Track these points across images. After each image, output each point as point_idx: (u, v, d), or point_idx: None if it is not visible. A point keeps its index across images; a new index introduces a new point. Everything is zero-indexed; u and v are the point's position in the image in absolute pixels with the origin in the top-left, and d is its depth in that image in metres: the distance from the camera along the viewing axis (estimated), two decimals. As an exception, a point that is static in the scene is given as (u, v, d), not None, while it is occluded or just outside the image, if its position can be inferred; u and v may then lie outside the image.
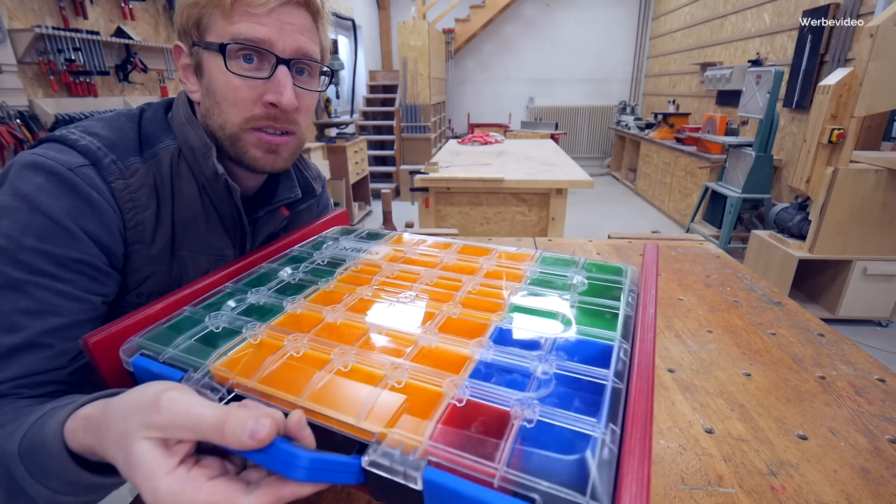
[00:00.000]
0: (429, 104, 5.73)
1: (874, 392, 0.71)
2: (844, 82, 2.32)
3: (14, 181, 0.48)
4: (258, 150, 0.57)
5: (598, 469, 0.28)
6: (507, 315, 0.46)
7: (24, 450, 0.37)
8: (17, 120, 1.87)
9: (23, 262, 0.46)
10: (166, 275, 0.58)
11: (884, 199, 2.48)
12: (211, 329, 0.44)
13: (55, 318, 0.47)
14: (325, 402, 0.34)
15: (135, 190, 0.54)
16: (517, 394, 0.34)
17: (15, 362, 0.45)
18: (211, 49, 0.53)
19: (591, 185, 2.26)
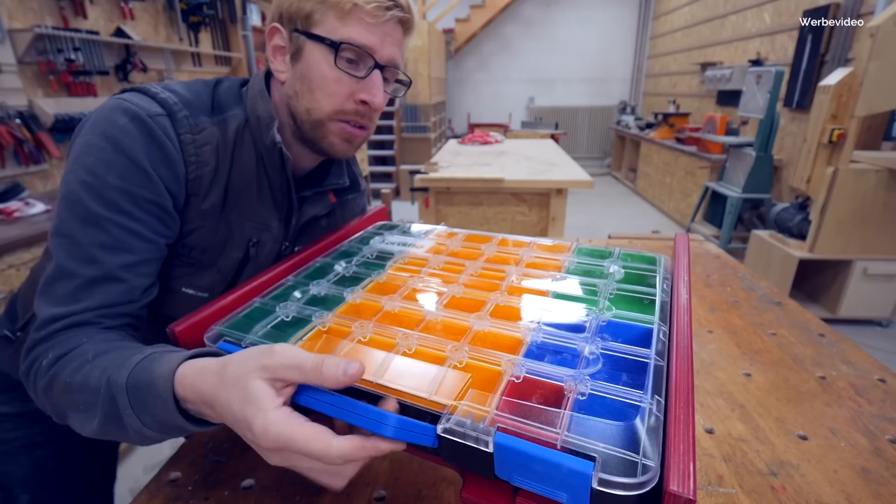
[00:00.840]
0: (429, 104, 5.73)
1: (874, 392, 0.71)
2: (845, 82, 2.32)
3: (101, 122, 0.53)
4: (337, 137, 0.63)
5: (647, 433, 0.31)
6: (551, 301, 0.49)
7: (131, 385, 0.41)
8: (16, 120, 1.87)
9: (105, 199, 0.51)
10: (212, 232, 0.62)
11: (884, 199, 2.48)
12: (282, 318, 0.49)
13: (128, 255, 0.52)
14: (398, 380, 0.38)
15: (200, 145, 0.59)
16: (569, 371, 0.37)
17: (96, 292, 0.51)
18: (322, 43, 0.58)
19: (591, 185, 2.26)
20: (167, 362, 0.41)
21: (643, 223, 4.91)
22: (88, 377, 0.44)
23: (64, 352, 0.48)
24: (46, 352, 0.48)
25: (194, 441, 0.61)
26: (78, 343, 0.48)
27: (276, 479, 0.55)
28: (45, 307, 0.50)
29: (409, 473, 0.56)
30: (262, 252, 0.67)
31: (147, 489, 0.53)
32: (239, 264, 0.65)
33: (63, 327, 0.50)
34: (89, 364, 0.45)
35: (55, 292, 0.50)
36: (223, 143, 0.61)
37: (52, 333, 0.49)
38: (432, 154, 4.55)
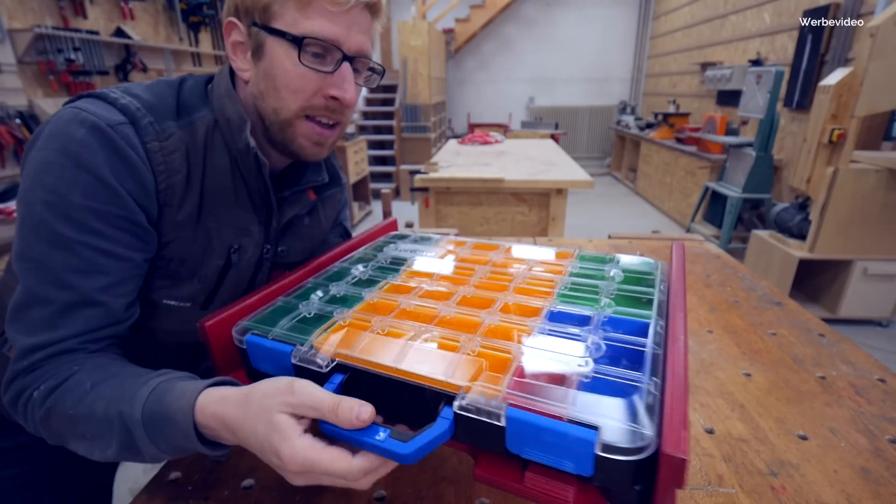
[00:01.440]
0: (429, 104, 5.73)
1: (874, 392, 0.71)
2: (845, 82, 2.32)
3: (57, 135, 0.49)
4: (307, 140, 0.60)
5: (645, 409, 0.35)
6: (557, 300, 0.53)
7: (147, 419, 0.43)
8: (16, 120, 1.87)
9: (72, 219, 0.48)
10: (190, 242, 0.59)
11: (884, 199, 2.48)
12: (304, 314, 0.53)
13: (103, 277, 0.50)
14: (415, 366, 0.41)
15: (168, 153, 0.55)
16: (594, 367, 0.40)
17: (74, 318, 0.49)
18: (283, 38, 0.54)
19: (591, 184, 2.26)
20: (182, 396, 0.43)
21: (643, 223, 4.91)
22: (93, 408, 0.45)
23: (57, 383, 0.47)
24: (35, 383, 0.48)
25: (194, 441, 0.61)
26: (69, 372, 0.47)
27: (276, 479, 0.54)
28: (22, 336, 0.48)
29: (409, 473, 0.56)
30: (244, 257, 0.64)
31: (147, 489, 0.53)
32: (220, 271, 0.62)
33: (46, 356, 0.48)
34: (89, 395, 0.45)
35: (30, 319, 0.48)
36: (193, 147, 0.57)
37: (35, 363, 0.48)
38: (432, 154, 4.55)
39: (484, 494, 0.52)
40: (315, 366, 0.44)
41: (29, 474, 0.70)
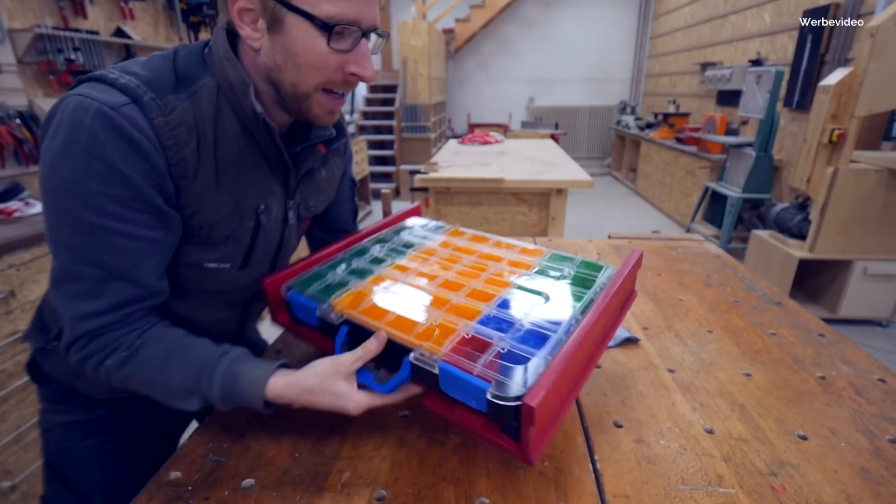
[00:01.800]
0: (429, 104, 5.73)
1: (874, 392, 0.71)
2: (845, 82, 2.32)
3: (67, 125, 0.51)
4: (322, 109, 0.61)
5: (524, 373, 0.49)
6: (511, 290, 0.65)
7: (224, 396, 0.56)
8: (16, 120, 1.87)
9: (91, 204, 0.51)
10: (214, 209, 0.61)
11: (884, 199, 2.48)
12: (330, 282, 0.70)
13: (126, 257, 0.54)
14: (395, 327, 0.58)
15: (174, 127, 0.55)
16: (500, 334, 0.55)
17: (109, 290, 0.54)
18: (307, 20, 0.53)
19: (591, 184, 2.25)
20: (253, 384, 0.56)
21: (643, 223, 4.91)
22: (170, 381, 0.56)
23: (128, 355, 0.56)
24: (101, 350, 0.55)
25: (194, 441, 0.61)
26: (134, 346, 0.56)
27: (276, 479, 0.55)
28: (67, 305, 0.54)
29: (409, 473, 0.56)
30: (271, 216, 0.68)
31: (147, 489, 0.53)
32: (252, 232, 0.66)
33: (100, 326, 0.55)
34: (162, 370, 0.56)
35: (69, 291, 0.54)
36: (200, 117, 0.58)
37: (93, 332, 0.55)
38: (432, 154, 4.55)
39: (484, 494, 0.52)
40: (330, 320, 0.62)
41: (104, 444, 0.75)
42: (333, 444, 0.60)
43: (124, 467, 0.76)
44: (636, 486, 0.54)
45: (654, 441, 0.61)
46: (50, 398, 0.75)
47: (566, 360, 0.49)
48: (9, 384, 1.35)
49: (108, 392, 0.72)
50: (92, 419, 0.74)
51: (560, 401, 0.52)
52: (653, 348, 0.83)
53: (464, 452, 0.59)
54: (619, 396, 0.70)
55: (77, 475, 0.75)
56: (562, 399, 0.52)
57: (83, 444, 0.74)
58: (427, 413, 0.66)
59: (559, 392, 0.50)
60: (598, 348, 0.62)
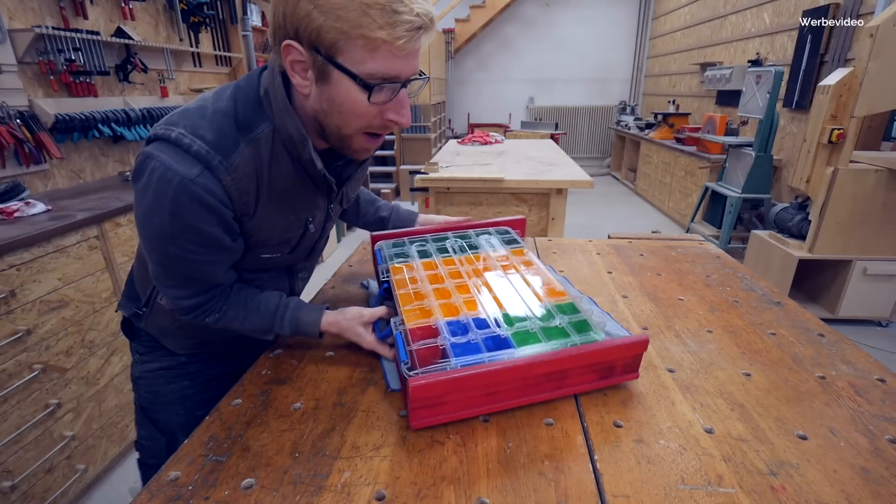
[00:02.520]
0: (429, 104, 5.73)
1: (874, 392, 0.71)
2: (844, 82, 2.32)
3: (153, 190, 0.62)
4: (361, 146, 0.70)
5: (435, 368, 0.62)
6: (498, 312, 0.74)
7: (290, 332, 0.79)
8: (17, 120, 1.87)
9: (177, 244, 0.65)
10: (270, 227, 0.74)
11: (884, 199, 2.48)
12: (402, 250, 0.94)
13: (204, 273, 0.71)
14: (401, 298, 0.78)
15: (238, 180, 0.65)
16: (449, 336, 0.68)
17: (192, 285, 0.72)
18: (351, 77, 0.60)
19: (591, 185, 2.25)
20: (311, 324, 0.79)
21: (643, 223, 4.91)
22: (253, 325, 0.78)
23: (220, 316, 0.76)
24: (202, 316, 0.75)
25: (194, 441, 0.61)
26: (221, 310, 0.76)
27: (276, 479, 0.55)
28: (166, 291, 0.73)
29: (409, 473, 0.56)
30: (316, 221, 0.82)
31: (147, 489, 0.53)
32: (301, 235, 0.80)
33: (192, 304, 0.73)
34: (247, 320, 0.77)
35: (166, 284, 0.72)
36: (259, 160, 0.67)
37: (192, 307, 0.74)
38: (432, 154, 4.55)
39: (484, 494, 0.53)
40: (383, 277, 0.86)
41: (187, 389, 0.91)
42: (333, 444, 0.60)
43: (202, 411, 0.79)
44: (636, 485, 0.54)
45: (653, 441, 0.61)
46: (139, 350, 0.92)
47: (465, 377, 0.60)
48: (9, 384, 1.35)
49: (187, 347, 0.90)
50: (175, 365, 0.90)
51: (453, 400, 0.62)
52: (652, 348, 0.83)
53: (464, 452, 0.59)
54: (618, 396, 0.70)
55: (164, 415, 0.91)
56: (459, 400, 0.62)
57: (168, 388, 0.90)
58: (427, 413, 0.66)
59: (447, 392, 0.60)
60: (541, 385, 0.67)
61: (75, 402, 1.57)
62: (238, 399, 0.70)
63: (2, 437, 1.33)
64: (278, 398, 0.70)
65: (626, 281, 1.11)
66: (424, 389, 0.58)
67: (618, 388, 0.72)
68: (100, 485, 1.69)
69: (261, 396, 0.70)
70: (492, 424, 0.64)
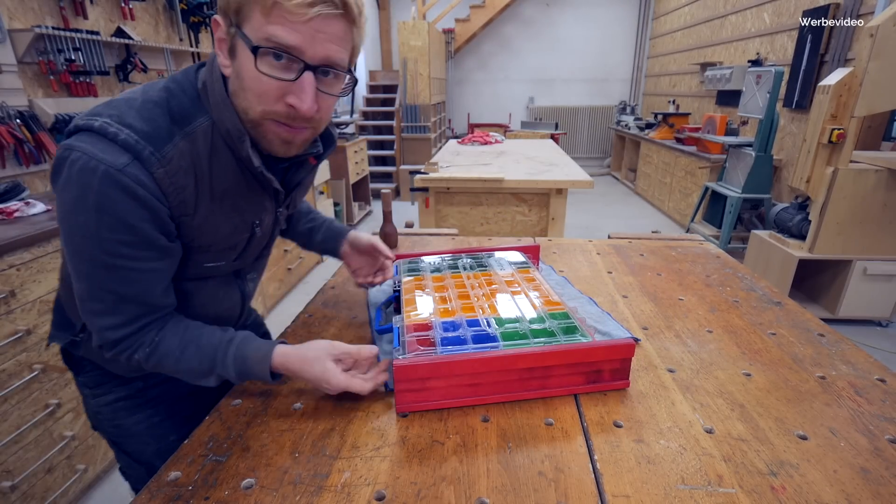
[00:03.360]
0: (429, 104, 5.73)
1: (874, 392, 0.71)
2: (844, 82, 2.31)
3: (75, 182, 0.55)
4: (276, 138, 0.62)
5: (422, 356, 0.66)
6: (497, 318, 0.77)
7: (236, 375, 0.66)
8: (17, 120, 1.87)
9: (104, 248, 0.57)
10: (214, 231, 0.67)
11: (884, 199, 2.48)
12: (417, 266, 1.01)
13: (137, 285, 0.61)
14: (406, 302, 0.84)
15: (173, 174, 0.59)
16: (441, 332, 0.73)
17: (124, 309, 0.62)
18: (245, 42, 0.56)
19: (591, 185, 2.25)
20: (259, 362, 0.65)
21: (643, 223, 4.91)
22: (191, 366, 0.65)
23: (151, 350, 0.64)
24: (128, 350, 0.63)
25: (194, 441, 0.61)
26: (153, 342, 0.64)
27: (276, 479, 0.55)
28: (93, 319, 0.62)
29: (409, 473, 0.56)
30: (264, 226, 0.75)
31: (147, 489, 0.53)
32: (247, 240, 0.73)
33: (123, 336, 0.62)
34: (182, 359, 0.65)
35: (92, 308, 0.61)
36: (196, 156, 0.61)
37: (118, 340, 0.63)
38: (432, 154, 4.55)
39: (484, 494, 0.53)
40: (395, 286, 0.92)
41: (152, 417, 0.82)
42: (333, 444, 0.60)
43: (175, 436, 0.78)
44: (636, 485, 0.54)
45: (653, 441, 0.61)
46: (89, 384, 0.81)
47: (447, 363, 0.64)
48: (9, 384, 1.35)
49: (136, 369, 0.78)
50: (133, 394, 0.80)
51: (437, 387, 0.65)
52: (653, 348, 0.83)
53: (464, 452, 0.59)
54: (619, 396, 0.70)
55: (136, 447, 0.82)
56: (444, 388, 0.66)
57: (132, 420, 0.81)
58: (427, 413, 0.66)
59: (431, 376, 0.64)
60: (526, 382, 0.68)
61: (75, 402, 1.57)
62: (238, 399, 0.70)
63: (2, 437, 1.33)
64: (278, 398, 0.70)
65: (626, 281, 1.11)
66: (407, 370, 0.63)
67: (618, 388, 0.72)
68: (100, 485, 1.69)
69: (261, 396, 0.70)
70: (492, 424, 0.64)
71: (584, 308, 0.95)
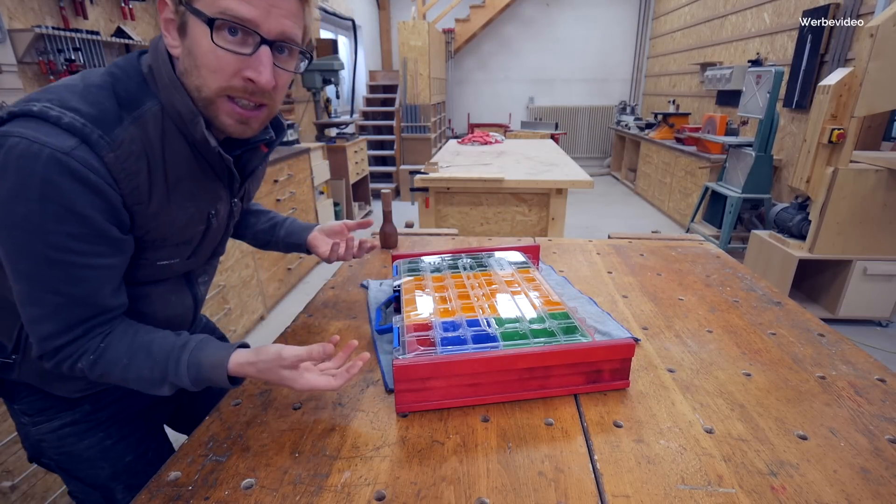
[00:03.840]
0: (429, 104, 5.73)
1: (874, 392, 0.71)
2: (844, 82, 2.31)
3: (14, 169, 0.50)
4: (230, 118, 0.61)
5: (422, 357, 0.66)
6: (497, 318, 0.77)
7: (190, 382, 0.61)
8: (16, 120, 1.87)
9: (50, 243, 0.53)
10: (169, 222, 0.64)
11: (884, 199, 2.48)
12: (417, 266, 1.01)
13: (85, 285, 0.57)
14: (406, 302, 0.84)
15: (124, 160, 0.56)
16: (440, 332, 0.73)
17: (69, 314, 0.57)
18: (199, 16, 0.54)
19: (590, 184, 2.25)
20: (214, 367, 0.61)
21: (643, 223, 4.91)
22: (140, 374, 0.60)
23: (96, 357, 0.59)
24: (70, 357, 0.58)
25: (194, 441, 0.61)
26: (99, 349, 0.59)
27: (276, 479, 0.55)
28: (32, 328, 0.57)
29: (409, 473, 0.56)
30: (219, 217, 0.73)
31: (147, 489, 0.53)
32: (203, 233, 0.71)
33: (64, 343, 0.57)
34: (131, 367, 0.60)
35: (31, 315, 0.56)
36: (148, 143, 0.58)
37: (58, 348, 0.58)
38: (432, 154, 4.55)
39: (484, 494, 0.53)
40: (396, 286, 0.91)
41: (105, 440, 0.76)
42: (333, 444, 0.60)
43: (132, 456, 0.78)
44: (636, 485, 0.54)
45: (653, 441, 0.61)
46: (28, 411, 0.73)
47: (447, 363, 0.64)
48: (9, 384, 1.35)
49: (83, 389, 0.72)
50: (80, 419, 0.74)
51: (437, 387, 0.65)
52: (652, 348, 0.83)
53: (464, 452, 0.59)
54: (619, 396, 0.70)
55: (89, 472, 0.76)
56: (443, 388, 0.66)
57: (83, 445, 0.75)
58: (427, 413, 0.66)
59: (431, 376, 0.64)
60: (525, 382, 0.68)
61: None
62: (238, 399, 0.70)
63: (2, 437, 1.33)
64: (278, 398, 0.70)
65: (626, 281, 1.11)
66: (407, 370, 0.63)
67: (618, 388, 0.72)
68: (100, 485, 1.69)
69: (261, 396, 0.70)
70: (492, 424, 0.64)
71: (584, 308, 0.95)
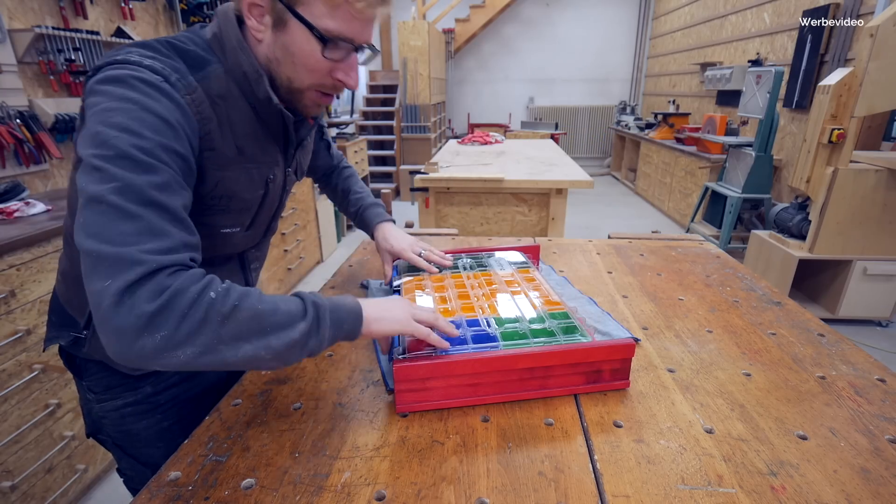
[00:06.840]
0: (429, 104, 5.73)
1: (874, 392, 0.71)
2: (844, 82, 2.31)
3: (115, 88, 0.53)
4: (312, 103, 0.69)
5: (422, 356, 0.66)
6: (497, 318, 0.77)
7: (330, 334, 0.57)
8: (17, 120, 1.87)
9: (146, 150, 0.51)
10: (234, 180, 0.68)
11: (884, 199, 2.48)
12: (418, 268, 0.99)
13: (179, 198, 0.54)
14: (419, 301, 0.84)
15: (199, 104, 0.60)
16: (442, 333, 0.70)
17: (169, 232, 0.51)
18: (309, 29, 0.60)
19: (591, 185, 2.25)
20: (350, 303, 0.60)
21: (643, 223, 4.91)
22: (277, 306, 0.53)
23: (227, 286, 0.52)
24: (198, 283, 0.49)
25: (194, 441, 0.61)
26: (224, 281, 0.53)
27: (276, 479, 0.55)
28: (127, 249, 0.47)
29: (409, 473, 0.56)
30: (276, 183, 0.77)
31: (147, 489, 0.53)
32: (261, 199, 0.75)
33: (173, 262, 0.49)
34: (264, 299, 0.53)
35: (127, 231, 0.47)
36: (213, 100, 0.63)
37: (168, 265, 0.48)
38: (432, 154, 4.55)
39: (484, 494, 0.53)
40: (396, 286, 0.91)
41: (162, 422, 0.80)
42: (333, 444, 0.60)
43: (185, 438, 0.78)
44: (636, 485, 0.54)
45: (653, 441, 0.61)
46: (94, 388, 0.77)
47: (447, 363, 0.64)
48: (9, 384, 1.35)
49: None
50: (141, 399, 0.78)
51: (437, 387, 0.65)
52: (652, 348, 0.83)
53: (464, 452, 0.59)
54: (619, 396, 0.70)
55: (144, 451, 0.80)
56: (443, 388, 0.65)
57: (142, 425, 0.79)
58: (427, 413, 0.66)
59: (431, 376, 0.64)
60: (525, 382, 0.67)
61: (75, 402, 1.57)
62: (238, 399, 0.70)
63: (2, 437, 1.33)
64: (278, 398, 0.70)
65: (626, 281, 1.11)
66: (407, 370, 0.63)
67: (618, 388, 0.72)
68: (100, 485, 1.69)
69: (261, 396, 0.70)
70: (492, 424, 0.64)
71: (584, 308, 0.95)
